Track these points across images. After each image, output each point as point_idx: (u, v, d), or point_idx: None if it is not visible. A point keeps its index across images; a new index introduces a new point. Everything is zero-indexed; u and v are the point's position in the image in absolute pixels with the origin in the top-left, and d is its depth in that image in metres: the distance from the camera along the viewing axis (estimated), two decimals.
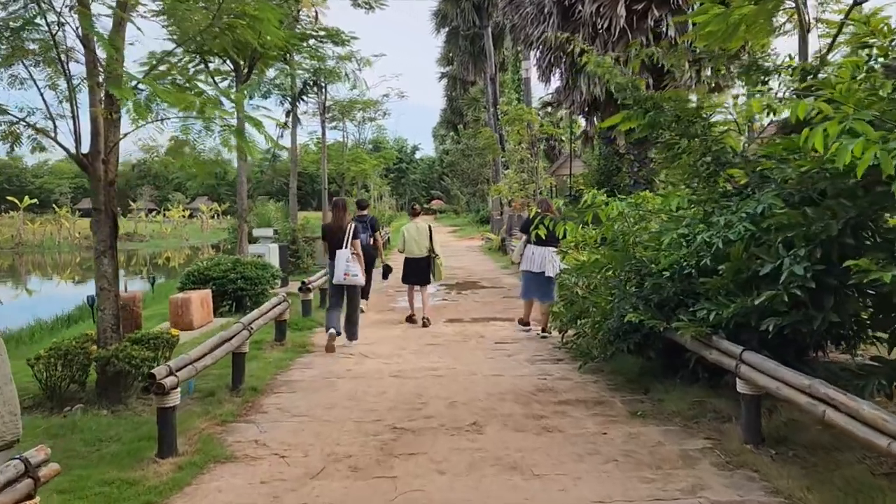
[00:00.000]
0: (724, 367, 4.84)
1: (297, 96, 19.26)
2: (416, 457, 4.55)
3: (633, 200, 6.69)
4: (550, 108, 37.17)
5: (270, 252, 13.89)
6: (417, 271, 9.89)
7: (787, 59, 5.95)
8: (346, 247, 8.14)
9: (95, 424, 5.07)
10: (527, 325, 9.22)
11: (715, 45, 6.87)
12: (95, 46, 5.70)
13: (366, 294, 10.41)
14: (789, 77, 5.53)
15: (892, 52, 5.05)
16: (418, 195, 74.95)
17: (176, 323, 8.89)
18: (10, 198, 51.99)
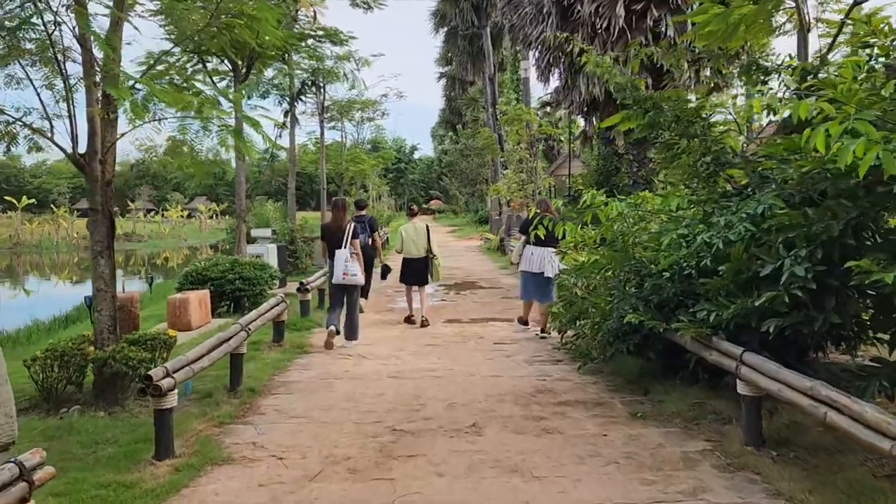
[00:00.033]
0: (725, 368, 4.81)
1: (296, 96, 19.23)
2: (415, 459, 4.52)
3: (633, 201, 6.69)
4: (549, 108, 37.10)
5: (269, 252, 13.86)
6: (415, 272, 9.89)
7: (787, 59, 5.93)
8: (346, 247, 8.15)
9: (92, 426, 5.03)
10: (525, 323, 9.23)
11: (714, 45, 6.84)
12: (92, 46, 5.67)
13: (365, 294, 10.40)
14: (789, 77, 5.51)
15: (894, 51, 5.04)
16: (417, 195, 75.01)
17: (174, 323, 8.86)
18: (8, 198, 51.79)
